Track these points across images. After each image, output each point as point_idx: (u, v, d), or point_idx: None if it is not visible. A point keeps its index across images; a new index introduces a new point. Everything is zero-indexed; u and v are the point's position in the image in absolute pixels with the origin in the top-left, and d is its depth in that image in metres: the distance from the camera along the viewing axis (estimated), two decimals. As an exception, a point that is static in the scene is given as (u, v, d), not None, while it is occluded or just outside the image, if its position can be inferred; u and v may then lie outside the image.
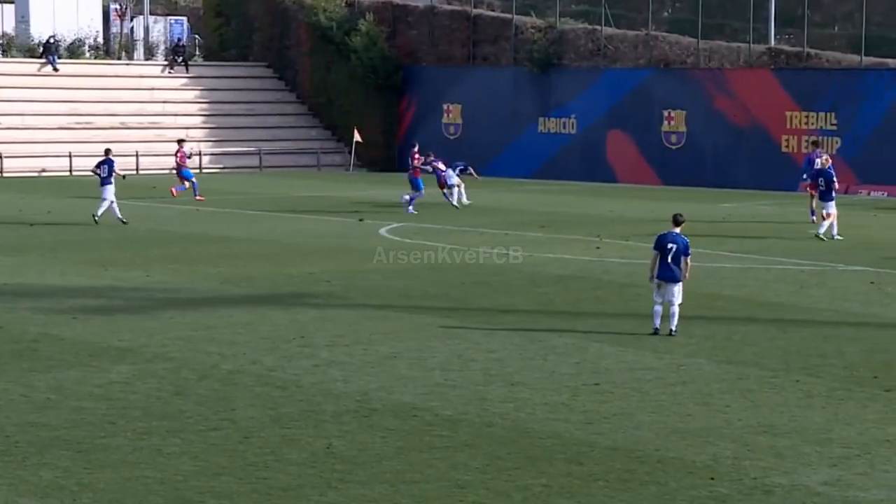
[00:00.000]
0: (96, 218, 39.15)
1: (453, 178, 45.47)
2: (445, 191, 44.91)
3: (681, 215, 22.21)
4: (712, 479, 13.52)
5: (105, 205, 39.53)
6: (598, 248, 33.45)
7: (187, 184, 49.03)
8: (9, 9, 71.70)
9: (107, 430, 15.23)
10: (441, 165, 45.21)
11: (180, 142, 51.39)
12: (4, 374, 18.28)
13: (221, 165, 66.87)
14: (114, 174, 39.87)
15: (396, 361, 19.36)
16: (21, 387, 17.47)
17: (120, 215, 39.11)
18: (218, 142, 68.06)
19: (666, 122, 59.69)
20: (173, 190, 49.13)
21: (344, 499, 12.72)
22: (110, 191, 39.71)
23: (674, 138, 59.61)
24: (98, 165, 40.59)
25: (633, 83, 60.65)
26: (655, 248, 21.70)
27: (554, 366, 19.16)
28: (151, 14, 75.02)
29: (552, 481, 13.35)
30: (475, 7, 67.64)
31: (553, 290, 26.60)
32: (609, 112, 61.20)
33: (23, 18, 70.30)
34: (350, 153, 66.70)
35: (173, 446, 14.56)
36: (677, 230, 21.78)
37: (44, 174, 60.98)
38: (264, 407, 16.47)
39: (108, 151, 41.63)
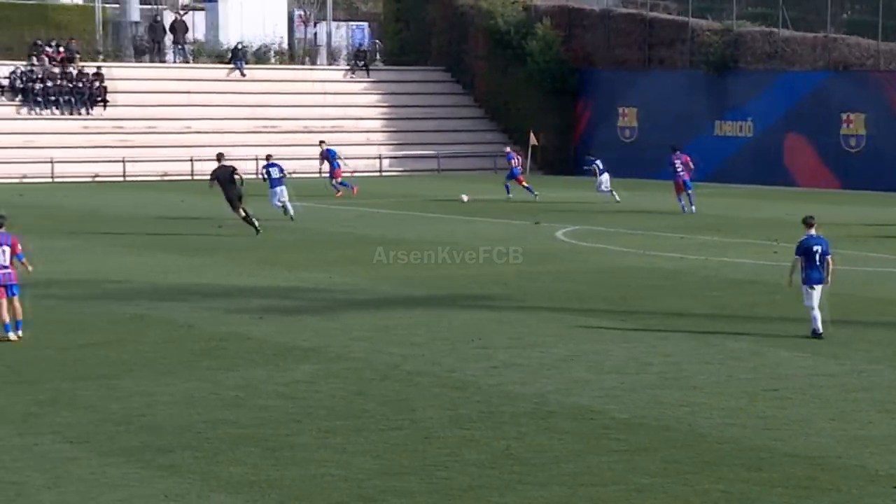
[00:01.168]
0: (292, 215, 41.07)
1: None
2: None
3: (812, 217, 22.19)
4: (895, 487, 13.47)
5: (289, 206, 41.06)
6: (775, 252, 33.21)
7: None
8: (200, 16, 73.55)
9: (292, 429, 15.68)
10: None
11: (322, 143, 52.92)
12: (195, 372, 18.91)
13: (401, 168, 67.68)
14: (284, 175, 41.61)
15: (573, 364, 19.56)
16: (210, 384, 18.06)
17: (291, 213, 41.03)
18: (397, 145, 68.88)
19: (845, 126, 58.82)
20: (354, 189, 50.39)
21: (522, 500, 12.95)
22: (283, 192, 41.06)
23: (853, 142, 58.72)
24: (265, 168, 42.18)
25: (811, 86, 59.89)
26: (799, 253, 21.73)
27: (730, 370, 19.18)
28: (334, 20, 76.16)
29: (730, 487, 13.40)
30: (651, 10, 67.44)
31: (728, 294, 26.55)
32: (786, 115, 60.53)
33: (213, 25, 72.08)
34: (526, 156, 66.96)
35: (356, 445, 14.95)
36: (813, 232, 21.81)
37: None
38: (444, 408, 16.80)
39: (269, 157, 43.94)
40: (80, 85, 64.84)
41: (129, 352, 20.33)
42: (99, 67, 65.98)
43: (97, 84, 64.99)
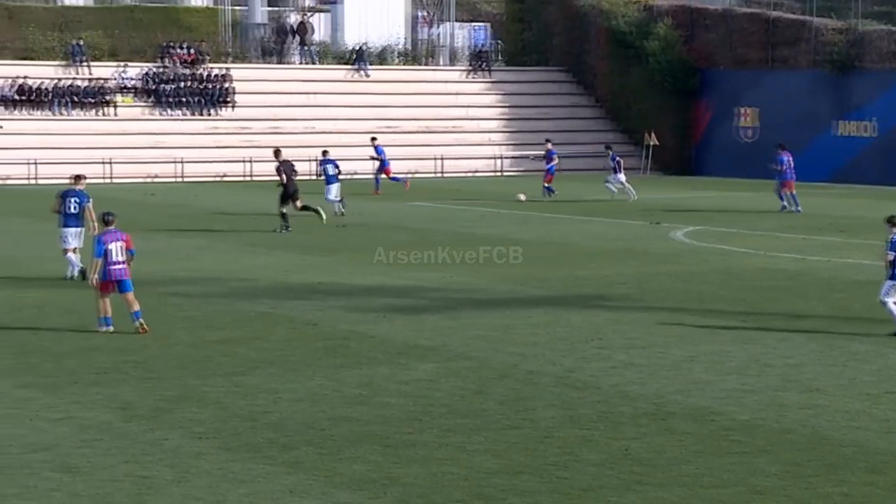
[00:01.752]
0: (343, 210, 42.49)
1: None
2: None
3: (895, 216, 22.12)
4: None
5: (337, 205, 42.40)
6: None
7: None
8: (324, 18, 74.36)
9: (413, 427, 15.91)
10: None
11: (373, 139, 54.23)
12: (318, 369, 19.23)
13: (521, 168, 67.79)
14: (337, 172, 43.01)
15: (692, 365, 19.58)
16: (333, 382, 18.36)
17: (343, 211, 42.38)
18: (517, 145, 69.01)
19: (974, 124, 57.89)
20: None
21: (642, 501, 13.04)
22: (337, 189, 42.73)
23: (981, 140, 57.78)
24: (321, 164, 43.88)
25: (938, 85, 59.06)
26: (893, 249, 21.66)
27: (853, 372, 19.08)
28: (455, 21, 76.52)
29: (853, 490, 13.35)
30: (773, 9, 66.86)
31: (851, 296, 26.35)
32: (912, 115, 59.74)
33: (336, 27, 72.85)
34: (645, 157, 66.75)
35: (476, 444, 15.13)
36: None
37: (355, 177, 62.80)
38: (563, 407, 16.92)
39: (325, 153, 45.34)
40: (208, 86, 65.85)
41: (255, 349, 20.71)
42: (226, 69, 66.95)
43: (224, 85, 65.95)
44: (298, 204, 38.57)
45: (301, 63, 70.69)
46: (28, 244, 34.91)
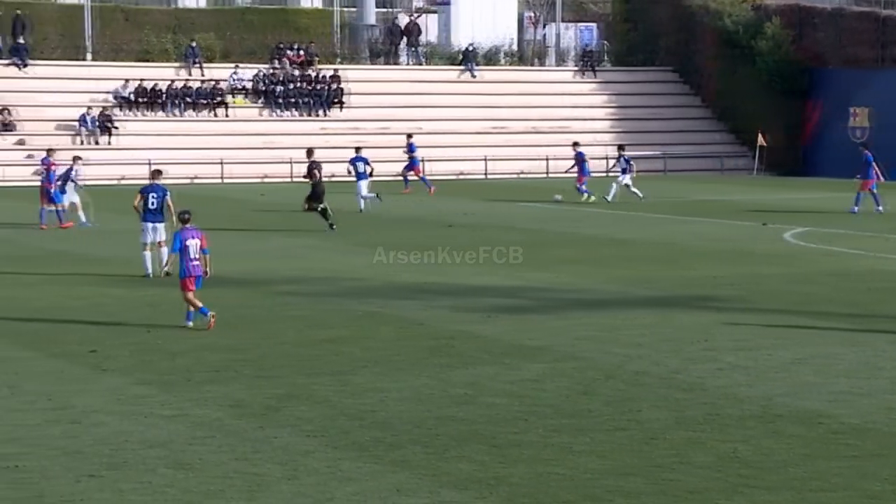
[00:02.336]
0: (362, 209, 43.44)
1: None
2: None
3: None
4: None
5: (361, 201, 43.40)
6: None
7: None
8: (433, 19, 74.69)
9: (519, 427, 15.99)
10: None
11: (410, 136, 55.08)
12: (425, 369, 19.39)
13: (627, 168, 67.56)
14: (368, 169, 44.26)
15: (801, 367, 19.47)
16: (440, 382, 18.50)
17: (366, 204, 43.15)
18: (626, 146, 68.68)
19: None
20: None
21: None
22: (365, 186, 44.04)
23: None
24: (352, 162, 45.33)
25: None
26: None
27: (964, 377, 18.88)
28: (563, 21, 76.47)
29: (964, 494, 13.26)
30: (885, 8, 66.01)
31: (964, 300, 26.04)
32: None
33: (445, 28, 73.14)
34: (754, 157, 66.26)
35: (582, 444, 15.19)
36: None
37: (461, 177, 63.08)
38: (669, 409, 16.92)
39: (358, 150, 46.48)
40: (319, 87, 66.43)
41: (363, 348, 20.92)
42: (336, 70, 67.48)
43: (335, 86, 66.48)
44: (307, 206, 38.68)
45: (410, 64, 71.04)
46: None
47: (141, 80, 63.90)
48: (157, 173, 29.78)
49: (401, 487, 13.48)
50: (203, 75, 65.70)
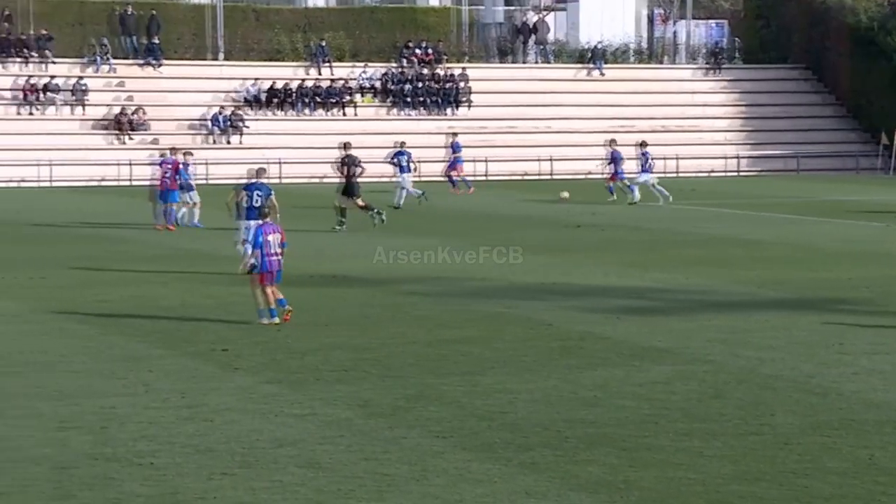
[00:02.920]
0: (396, 204, 43.65)
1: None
2: None
3: None
4: None
5: (403, 194, 43.65)
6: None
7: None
8: (560, 16, 74.50)
9: (649, 430, 15.86)
10: None
11: (455, 135, 54.62)
12: (554, 370, 19.31)
13: (758, 168, 66.89)
14: (412, 164, 44.55)
15: (938, 373, 19.09)
16: (568, 384, 18.41)
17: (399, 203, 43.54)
18: (755, 144, 68.10)
19: None
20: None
21: (884, 510, 12.80)
22: (408, 180, 44.79)
23: None
24: (395, 156, 45.91)
25: None
26: None
27: None
28: (693, 18, 75.81)
29: None
30: None
31: None
32: None
33: (573, 25, 72.90)
34: (890, 156, 65.15)
35: (713, 449, 15.01)
36: None
37: (589, 177, 62.78)
38: (802, 413, 16.66)
39: (403, 143, 47.18)
40: (445, 86, 66.57)
41: (491, 349, 20.89)
42: (463, 68, 67.58)
43: (461, 85, 66.58)
44: (360, 202, 38.35)
45: (536, 62, 70.90)
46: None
47: (270, 79, 64.51)
48: (260, 171, 29.97)
49: (530, 490, 13.42)
50: (332, 74, 66.16)
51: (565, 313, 24.32)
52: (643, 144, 50.35)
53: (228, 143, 61.49)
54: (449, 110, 66.33)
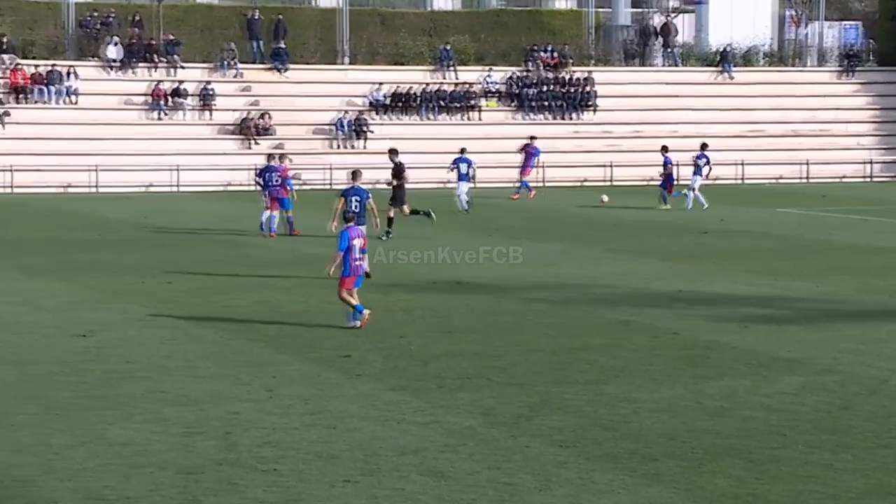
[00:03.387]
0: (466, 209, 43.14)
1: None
2: None
3: None
4: None
5: (462, 201, 43.05)
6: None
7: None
8: (688, 19, 73.84)
9: (777, 441, 15.59)
10: None
11: (532, 138, 53.71)
12: (679, 379, 19.06)
13: (892, 174, 65.71)
14: (471, 172, 43.84)
15: None
16: (694, 393, 18.17)
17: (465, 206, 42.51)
18: (889, 149, 66.89)
19: None
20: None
21: None
22: (465, 186, 43.94)
23: None
24: (455, 162, 45.54)
25: None
26: None
27: None
28: (826, 20, 74.64)
29: None
30: None
31: None
32: None
33: (701, 28, 72.21)
34: None
35: (843, 462, 14.71)
36: None
37: (716, 182, 62.05)
38: (937, 427, 16.29)
39: (463, 150, 46.55)
40: (571, 90, 66.30)
41: (615, 357, 20.70)
42: (589, 72, 67.26)
43: (587, 89, 66.27)
44: (406, 209, 37.75)
45: (664, 65, 70.34)
46: (397, 247, 35.85)
47: (395, 83, 64.73)
48: (356, 174, 29.90)
49: (654, 501, 13.25)
50: (456, 78, 66.20)
51: (691, 321, 24.04)
52: (703, 147, 49.70)
53: (353, 147, 61.75)
54: (574, 114, 66.04)
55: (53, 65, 60.64)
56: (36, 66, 60.68)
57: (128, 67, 62.62)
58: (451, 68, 66.56)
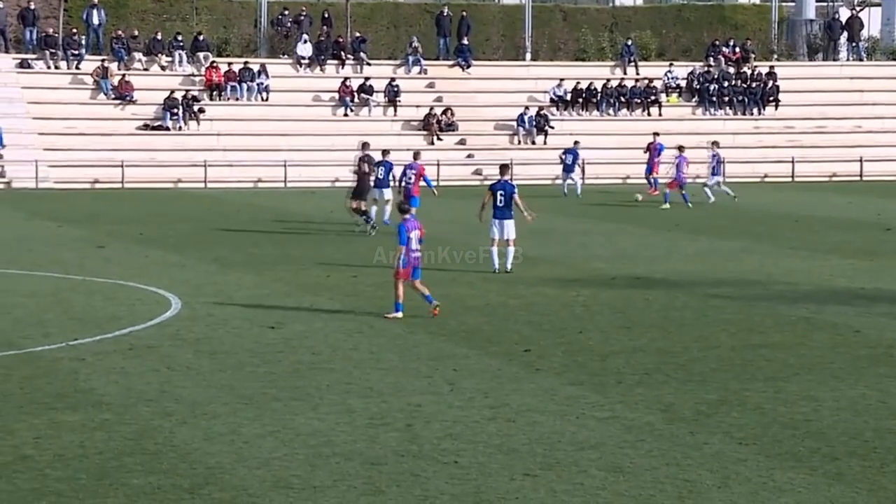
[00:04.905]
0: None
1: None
2: None
3: None
4: None
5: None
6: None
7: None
8: (875, 12, 72.54)
9: (962, 443, 15.43)
10: None
11: (655, 135, 52.36)
12: (861, 378, 18.91)
13: None
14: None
15: None
16: (878, 392, 18.01)
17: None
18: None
19: None
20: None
21: None
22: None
23: None
24: (564, 153, 45.36)
25: None
26: None
27: None
28: None
29: None
30: None
31: None
32: None
33: (888, 21, 70.86)
34: None
35: None
36: None
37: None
38: None
39: (577, 142, 46.37)
40: (754, 85, 65.63)
41: (796, 355, 20.60)
42: (771, 67, 66.52)
43: (770, 84, 65.53)
44: (354, 204, 36.96)
45: (848, 60, 69.21)
46: (576, 242, 36.02)
47: (576, 79, 64.75)
48: (505, 169, 30.27)
49: (836, 501, 13.24)
50: (637, 74, 65.99)
51: (874, 319, 23.77)
52: (715, 145, 48.45)
53: (533, 143, 61.95)
54: (755, 110, 65.35)
55: (246, 62, 62.00)
56: (230, 63, 62.12)
57: (317, 65, 63.73)
58: (633, 64, 66.38)
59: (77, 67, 61.21)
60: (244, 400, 17.42)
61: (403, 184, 38.13)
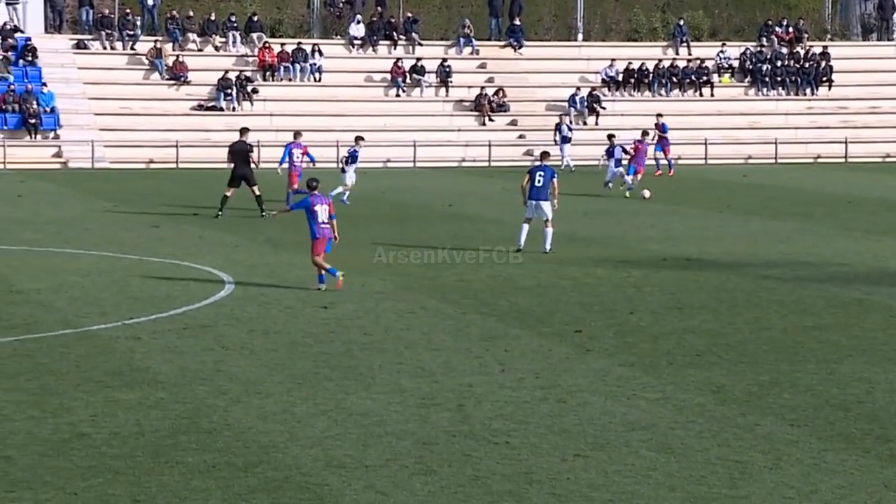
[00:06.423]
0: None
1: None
2: None
3: None
4: None
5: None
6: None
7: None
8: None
9: None
10: None
11: (659, 115, 52.61)
12: (914, 361, 18.89)
13: None
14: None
15: None
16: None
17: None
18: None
19: None
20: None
21: None
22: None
23: None
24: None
25: None
26: None
27: None
28: None
29: None
30: None
31: None
32: None
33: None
34: None
35: None
36: None
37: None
38: None
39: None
40: (807, 65, 65.28)
41: (848, 336, 20.55)
42: (824, 47, 66.13)
43: (823, 64, 65.16)
44: (256, 190, 36.86)
45: (904, 39, 68.75)
46: (627, 224, 36.00)
47: (628, 59, 64.60)
48: (545, 155, 30.58)
49: (889, 483, 13.23)
50: (689, 54, 65.76)
51: (928, 302, 23.69)
52: (611, 137, 46.46)
53: (585, 123, 61.86)
54: (808, 90, 65.00)
55: (299, 43, 62.25)
56: (283, 44, 62.36)
57: (369, 45, 63.86)
58: (685, 44, 66.16)
59: (132, 48, 61.64)
60: (297, 379, 17.57)
61: (289, 163, 38.70)
